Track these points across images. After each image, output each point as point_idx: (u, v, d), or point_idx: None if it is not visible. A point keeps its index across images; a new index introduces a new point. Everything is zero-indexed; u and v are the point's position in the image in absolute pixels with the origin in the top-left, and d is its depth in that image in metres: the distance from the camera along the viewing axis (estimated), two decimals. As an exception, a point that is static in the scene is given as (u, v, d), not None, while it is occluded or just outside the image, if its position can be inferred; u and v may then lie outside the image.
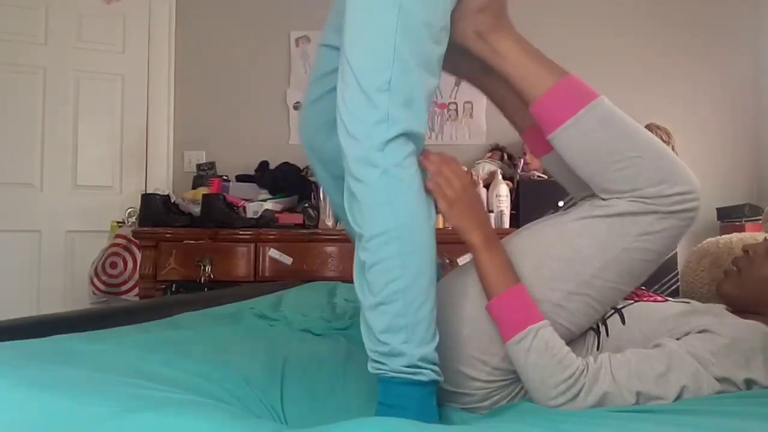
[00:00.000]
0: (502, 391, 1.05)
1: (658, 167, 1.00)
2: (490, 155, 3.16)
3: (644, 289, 1.21)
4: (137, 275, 2.90)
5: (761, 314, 1.13)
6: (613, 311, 1.11)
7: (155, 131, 3.38)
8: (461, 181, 1.07)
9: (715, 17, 3.35)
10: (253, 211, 2.92)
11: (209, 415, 0.74)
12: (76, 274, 3.13)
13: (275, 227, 2.85)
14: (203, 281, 2.72)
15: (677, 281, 2.72)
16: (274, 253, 2.79)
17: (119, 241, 3.01)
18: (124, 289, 2.98)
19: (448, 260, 1.96)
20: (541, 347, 0.96)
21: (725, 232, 2.68)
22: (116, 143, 3.32)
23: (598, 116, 1.02)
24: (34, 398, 0.75)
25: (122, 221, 3.11)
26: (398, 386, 0.94)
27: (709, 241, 1.67)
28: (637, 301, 1.14)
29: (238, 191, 3.09)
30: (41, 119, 3.17)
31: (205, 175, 3.26)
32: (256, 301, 1.76)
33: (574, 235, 1.04)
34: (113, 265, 2.98)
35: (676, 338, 1.02)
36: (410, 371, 0.94)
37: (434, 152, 1.08)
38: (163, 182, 3.32)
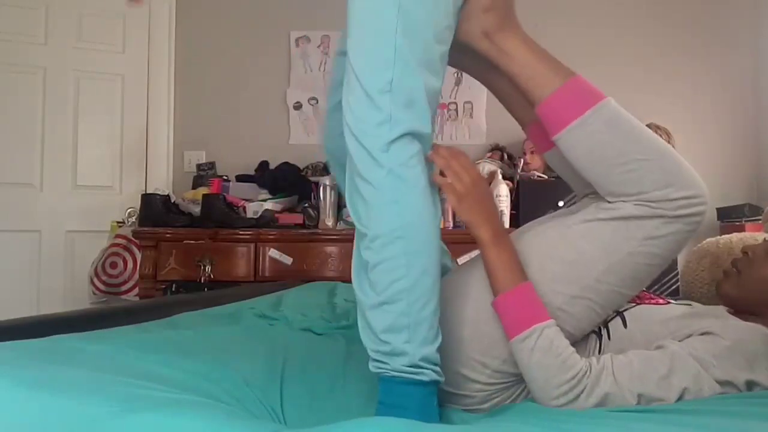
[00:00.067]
0: (502, 393, 1.05)
1: (664, 170, 0.99)
2: (490, 155, 3.16)
3: (645, 290, 1.21)
4: (137, 275, 2.90)
5: (761, 315, 1.13)
6: (614, 314, 1.10)
7: (155, 131, 3.38)
8: (471, 175, 1.06)
9: (715, 17, 3.35)
10: (253, 211, 2.92)
11: (208, 415, 0.74)
12: (76, 274, 3.13)
13: (275, 227, 2.84)
14: (203, 281, 2.72)
15: (677, 281, 2.71)
16: (274, 253, 2.79)
17: (119, 241, 3.01)
18: (124, 289, 2.98)
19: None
20: (545, 346, 0.95)
21: (725, 232, 2.67)
22: (116, 143, 3.32)
23: (604, 118, 1.01)
24: (33, 398, 0.75)
25: (122, 221, 3.11)
26: (399, 386, 0.94)
27: (709, 241, 1.67)
28: (638, 303, 1.14)
29: (238, 191, 3.09)
30: (41, 119, 3.17)
31: (205, 175, 3.26)
32: (255, 301, 1.76)
33: (578, 237, 1.03)
34: (113, 265, 2.98)
35: (678, 340, 1.02)
36: (412, 371, 0.93)
37: (443, 147, 1.08)
38: (163, 182, 3.32)
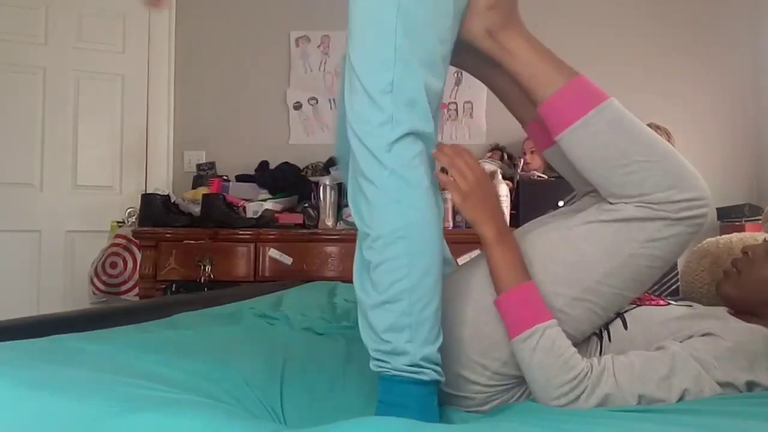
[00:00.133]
0: (503, 395, 1.05)
1: (667, 172, 0.98)
2: (490, 155, 3.16)
3: (646, 291, 1.21)
4: (137, 275, 2.90)
5: (761, 315, 1.13)
6: (615, 316, 1.10)
7: (155, 131, 3.37)
8: (475, 173, 1.06)
9: (715, 17, 3.35)
10: (253, 211, 2.91)
11: (207, 414, 0.74)
12: (76, 274, 3.13)
13: (275, 227, 2.84)
14: (203, 281, 2.72)
15: (677, 281, 2.71)
16: (274, 253, 2.79)
17: (119, 241, 3.01)
18: (124, 289, 2.98)
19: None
20: (547, 346, 0.95)
21: (725, 232, 2.67)
22: (116, 143, 3.32)
23: (607, 118, 1.00)
24: (33, 398, 0.75)
25: (122, 221, 3.11)
26: (399, 385, 0.94)
27: (709, 241, 1.67)
28: (639, 305, 1.13)
29: (238, 191, 3.08)
30: (41, 119, 3.17)
31: (205, 175, 3.26)
32: (256, 301, 1.76)
33: (579, 239, 1.02)
34: (113, 265, 2.98)
35: (679, 341, 1.02)
36: (412, 370, 0.93)
37: (447, 144, 1.07)
38: (163, 182, 3.32)
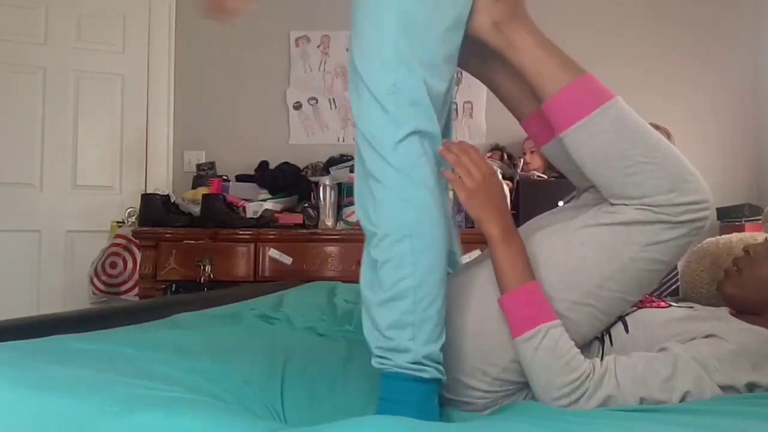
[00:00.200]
0: (503, 400, 1.05)
1: (669, 175, 0.98)
2: (490, 155, 3.16)
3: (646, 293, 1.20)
4: (137, 275, 2.90)
5: (762, 314, 1.13)
6: (616, 319, 1.10)
7: (155, 131, 3.37)
8: (481, 170, 1.05)
9: (715, 17, 3.35)
10: (253, 211, 2.91)
11: (206, 414, 0.74)
12: (76, 274, 3.13)
13: (275, 227, 2.84)
14: (203, 281, 2.71)
15: (677, 281, 2.71)
16: (274, 253, 2.79)
17: (119, 241, 3.01)
18: (124, 289, 2.98)
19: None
20: (550, 347, 0.95)
21: (725, 232, 2.67)
22: (116, 143, 3.31)
23: (611, 118, 1.00)
24: (33, 398, 0.75)
25: (122, 221, 3.10)
26: (401, 382, 0.94)
27: (709, 241, 1.67)
28: (640, 307, 1.13)
29: (238, 191, 3.08)
30: (41, 119, 3.17)
31: (205, 175, 3.26)
32: (256, 301, 1.76)
33: (579, 244, 1.02)
34: (113, 265, 2.98)
35: (682, 344, 1.01)
36: (414, 368, 0.94)
37: (454, 142, 1.08)
38: (163, 182, 3.32)
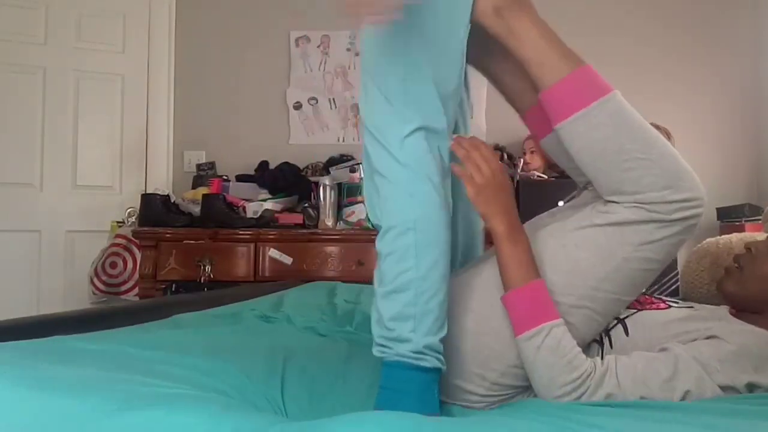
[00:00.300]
0: (501, 404, 1.04)
1: (663, 172, 0.97)
2: (490, 155, 3.16)
3: (646, 293, 1.20)
4: (137, 275, 2.90)
5: (761, 313, 1.12)
6: (616, 322, 1.09)
7: (155, 131, 3.37)
8: (490, 167, 1.05)
9: (715, 18, 3.35)
10: (253, 211, 2.91)
11: (206, 409, 0.74)
12: (76, 274, 3.13)
13: (275, 227, 2.84)
14: (203, 281, 2.71)
15: (677, 281, 2.71)
16: (274, 253, 2.79)
17: (119, 241, 3.01)
18: (124, 289, 2.98)
19: None
20: (552, 345, 0.95)
21: (725, 232, 2.67)
22: (116, 143, 3.32)
23: (609, 111, 0.99)
24: (33, 398, 0.75)
25: (122, 221, 3.10)
26: (401, 371, 0.95)
27: (709, 241, 1.67)
28: (639, 309, 1.12)
29: (238, 191, 3.08)
30: (41, 119, 3.17)
31: (205, 175, 3.26)
32: (256, 301, 1.76)
33: (573, 245, 1.02)
34: (113, 265, 2.98)
35: (682, 344, 1.01)
36: (414, 356, 0.95)
37: (465, 137, 1.08)
38: (163, 182, 3.32)
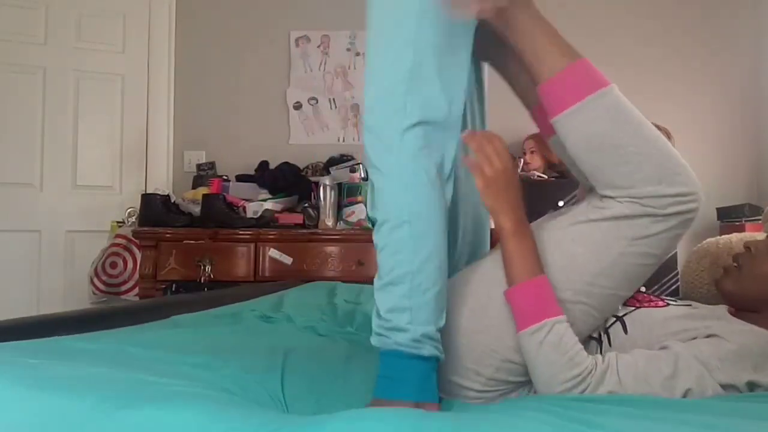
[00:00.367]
0: (498, 399, 1.04)
1: (658, 166, 0.97)
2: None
3: (644, 292, 1.20)
4: (137, 275, 2.90)
5: (760, 312, 1.12)
6: (614, 319, 1.09)
7: (155, 131, 3.38)
8: (502, 161, 1.05)
9: (715, 17, 3.35)
10: (253, 211, 2.92)
11: (207, 406, 0.74)
12: (76, 274, 3.13)
13: (275, 227, 2.84)
14: (203, 281, 2.72)
15: (677, 281, 2.71)
16: (274, 253, 2.79)
17: (119, 241, 3.01)
18: (124, 289, 2.98)
19: None
20: (554, 342, 0.95)
21: (725, 232, 2.68)
22: (116, 143, 3.32)
23: (605, 105, 0.99)
24: (33, 398, 0.75)
25: (122, 221, 3.11)
26: (399, 359, 0.95)
27: (709, 241, 1.67)
28: (638, 307, 1.12)
29: (238, 191, 3.08)
30: (41, 119, 3.17)
31: (205, 175, 3.26)
32: (256, 301, 1.76)
33: (568, 241, 1.02)
34: (113, 265, 2.98)
35: (682, 343, 1.01)
36: (412, 345, 0.95)
37: (480, 131, 1.08)
38: (163, 182, 3.32)
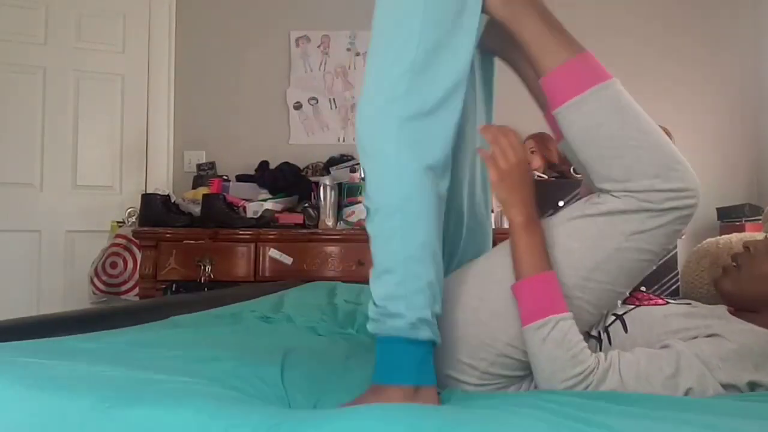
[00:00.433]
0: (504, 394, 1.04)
1: (656, 160, 0.98)
2: (490, 155, 3.16)
3: (644, 290, 1.20)
4: (137, 275, 2.90)
5: (759, 312, 1.12)
6: (614, 318, 1.09)
7: (155, 131, 3.38)
8: (517, 155, 1.05)
9: (714, 18, 3.35)
10: (253, 211, 2.92)
11: (200, 404, 0.73)
12: (76, 274, 3.13)
13: (275, 227, 2.84)
14: (203, 281, 2.72)
15: (677, 281, 2.71)
16: (274, 253, 2.79)
17: (119, 241, 3.01)
18: (124, 289, 2.98)
19: None
20: (558, 339, 0.95)
21: (725, 232, 2.68)
22: (116, 143, 3.32)
23: (605, 98, 0.99)
24: (33, 398, 0.75)
25: (122, 221, 3.11)
26: (396, 344, 0.95)
27: (709, 241, 1.67)
28: (638, 305, 1.12)
29: (238, 191, 3.08)
30: (41, 119, 3.17)
31: (205, 175, 3.26)
32: (257, 301, 1.76)
33: (565, 236, 1.03)
34: (113, 265, 2.98)
35: (683, 342, 1.01)
36: (408, 329, 0.94)
37: (496, 125, 1.08)
38: (163, 182, 3.32)
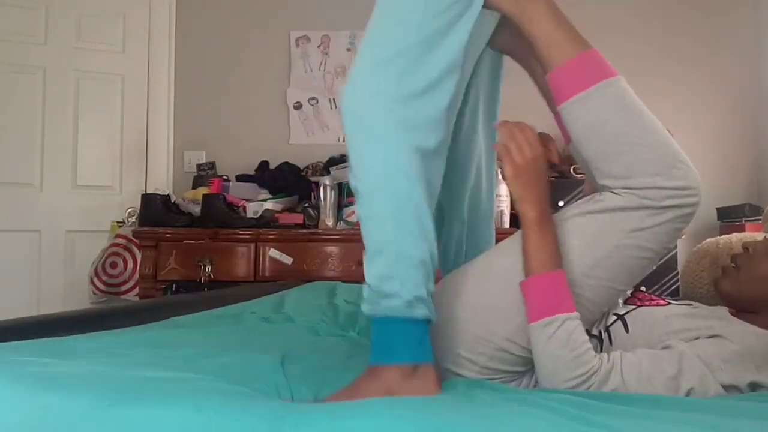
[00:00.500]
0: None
1: (658, 158, 0.98)
2: (490, 155, 3.16)
3: (645, 290, 1.20)
4: (137, 275, 2.90)
5: (758, 313, 1.12)
6: (615, 318, 1.09)
7: (155, 131, 3.38)
8: (533, 151, 1.05)
9: (715, 18, 3.35)
10: (253, 211, 2.92)
11: (200, 400, 0.73)
12: (76, 274, 3.13)
13: (275, 227, 2.85)
14: (203, 281, 2.72)
15: (677, 281, 2.71)
16: (274, 253, 2.79)
17: (119, 241, 3.01)
18: (124, 289, 2.98)
19: None
20: (563, 338, 0.95)
21: (725, 232, 2.68)
22: (116, 143, 3.32)
23: (610, 95, 1.00)
24: (33, 398, 0.75)
25: (122, 221, 3.11)
26: (392, 324, 0.94)
27: (709, 241, 1.67)
28: (639, 305, 1.13)
29: (238, 191, 3.08)
30: (41, 119, 3.17)
31: (205, 175, 3.26)
32: (257, 301, 1.76)
33: (565, 234, 1.03)
34: (113, 265, 2.98)
35: (685, 342, 1.01)
36: (403, 308, 0.94)
37: (513, 121, 1.08)
38: (163, 182, 3.32)
